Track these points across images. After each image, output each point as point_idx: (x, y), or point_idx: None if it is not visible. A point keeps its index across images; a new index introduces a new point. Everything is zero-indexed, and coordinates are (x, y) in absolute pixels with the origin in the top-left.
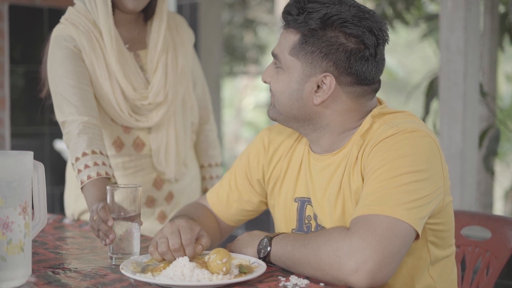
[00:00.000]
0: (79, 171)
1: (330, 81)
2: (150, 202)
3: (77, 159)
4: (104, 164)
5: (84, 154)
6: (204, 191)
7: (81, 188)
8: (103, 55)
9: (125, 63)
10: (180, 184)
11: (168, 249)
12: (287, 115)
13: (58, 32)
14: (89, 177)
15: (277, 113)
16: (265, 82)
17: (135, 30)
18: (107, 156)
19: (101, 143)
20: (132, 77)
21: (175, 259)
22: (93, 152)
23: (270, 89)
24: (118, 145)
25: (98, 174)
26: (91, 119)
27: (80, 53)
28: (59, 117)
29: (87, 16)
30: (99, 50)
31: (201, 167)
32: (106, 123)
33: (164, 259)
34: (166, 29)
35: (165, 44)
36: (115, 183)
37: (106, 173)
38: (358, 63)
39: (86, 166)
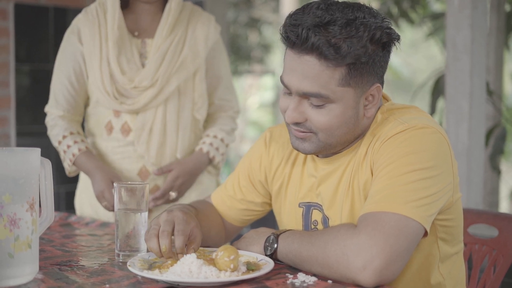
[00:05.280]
0: (64, 151)
1: (377, 90)
2: None
3: (59, 142)
4: (83, 141)
5: (64, 136)
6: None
7: (73, 164)
8: (100, 38)
9: (123, 47)
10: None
11: (156, 235)
12: (338, 143)
13: (73, 22)
14: (73, 155)
15: (322, 147)
16: (296, 123)
17: (151, 21)
18: (85, 136)
19: (77, 125)
20: (125, 61)
21: (159, 246)
22: (71, 133)
23: (300, 125)
24: (109, 128)
25: (79, 150)
26: (65, 113)
27: (81, 46)
28: (46, 106)
29: (103, 6)
30: (98, 36)
31: (206, 135)
32: (102, 106)
33: (167, 256)
34: (179, 22)
35: (171, 33)
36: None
37: (87, 147)
38: (387, 64)
39: (69, 146)
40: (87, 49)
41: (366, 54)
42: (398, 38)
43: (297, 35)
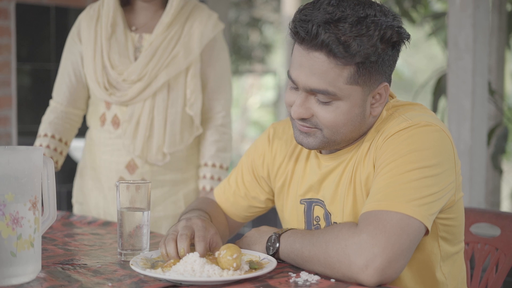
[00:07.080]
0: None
1: (385, 89)
2: None
3: (38, 135)
4: (48, 147)
5: (39, 135)
6: (199, 190)
7: None
8: (95, 32)
9: (116, 43)
10: (155, 173)
11: (174, 240)
12: (343, 141)
13: (78, 17)
14: None
15: (326, 143)
16: (302, 118)
17: (151, 18)
18: (60, 140)
19: (57, 127)
20: (117, 56)
21: (177, 250)
22: (45, 135)
23: (305, 121)
24: (103, 120)
25: None
26: (57, 105)
27: (80, 43)
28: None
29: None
30: (94, 29)
31: (204, 165)
32: (97, 98)
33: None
34: (177, 18)
35: (167, 29)
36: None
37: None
38: (396, 63)
39: (40, 145)
40: (84, 42)
41: (376, 53)
42: (408, 37)
43: (306, 31)
